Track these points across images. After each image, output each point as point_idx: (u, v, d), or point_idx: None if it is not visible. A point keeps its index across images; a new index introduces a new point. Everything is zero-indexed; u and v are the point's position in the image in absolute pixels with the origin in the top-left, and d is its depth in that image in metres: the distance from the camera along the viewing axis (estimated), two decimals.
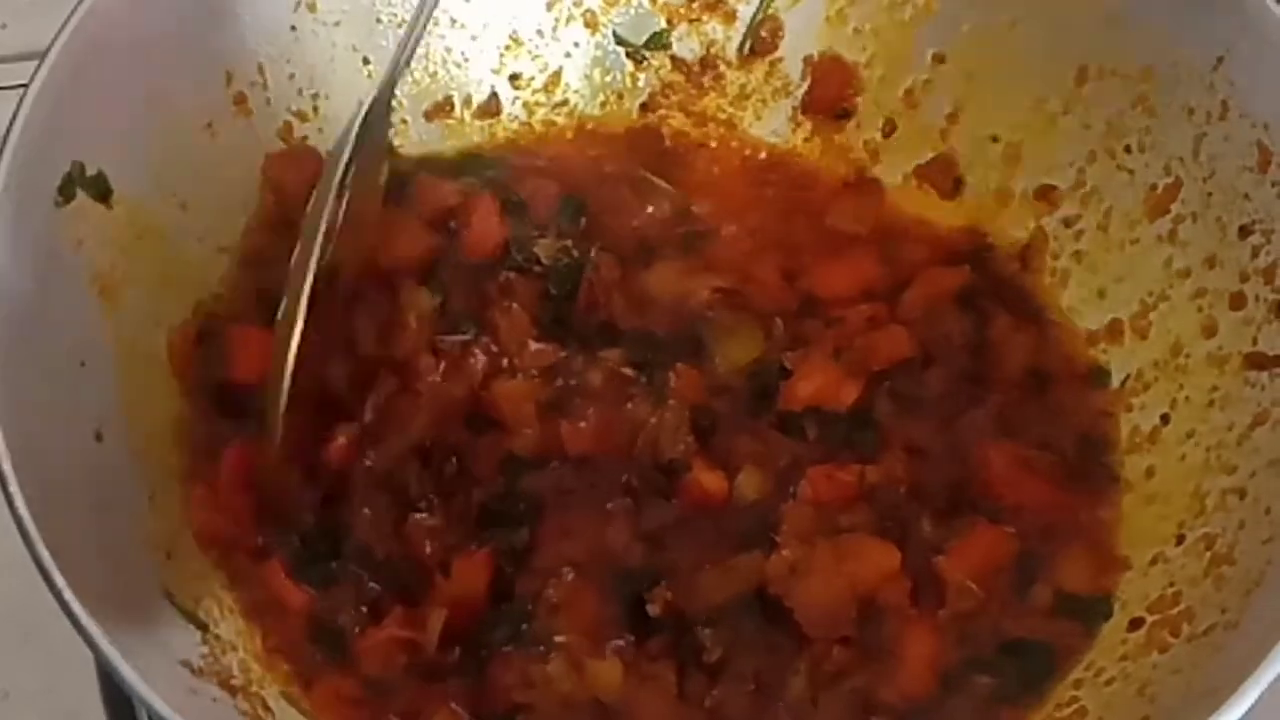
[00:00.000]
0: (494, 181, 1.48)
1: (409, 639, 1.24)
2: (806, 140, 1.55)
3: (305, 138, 1.46)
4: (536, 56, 1.55)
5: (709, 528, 1.32)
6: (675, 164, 1.54)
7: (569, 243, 1.44)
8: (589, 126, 1.55)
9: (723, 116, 1.56)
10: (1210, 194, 1.34)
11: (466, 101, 1.54)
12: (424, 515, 1.30)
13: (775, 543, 1.29)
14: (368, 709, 1.23)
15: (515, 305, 1.40)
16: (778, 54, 1.55)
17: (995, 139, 1.48)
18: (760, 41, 1.55)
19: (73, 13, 1.27)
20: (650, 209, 1.49)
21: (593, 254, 1.43)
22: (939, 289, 1.44)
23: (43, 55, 1.24)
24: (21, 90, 1.23)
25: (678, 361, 1.38)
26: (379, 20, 1.48)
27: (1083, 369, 1.41)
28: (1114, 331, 1.40)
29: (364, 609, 1.27)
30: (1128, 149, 1.40)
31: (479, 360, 1.37)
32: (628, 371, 1.38)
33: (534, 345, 1.38)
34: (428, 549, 1.28)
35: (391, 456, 1.32)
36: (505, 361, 1.37)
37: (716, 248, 1.48)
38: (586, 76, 1.56)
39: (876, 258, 1.48)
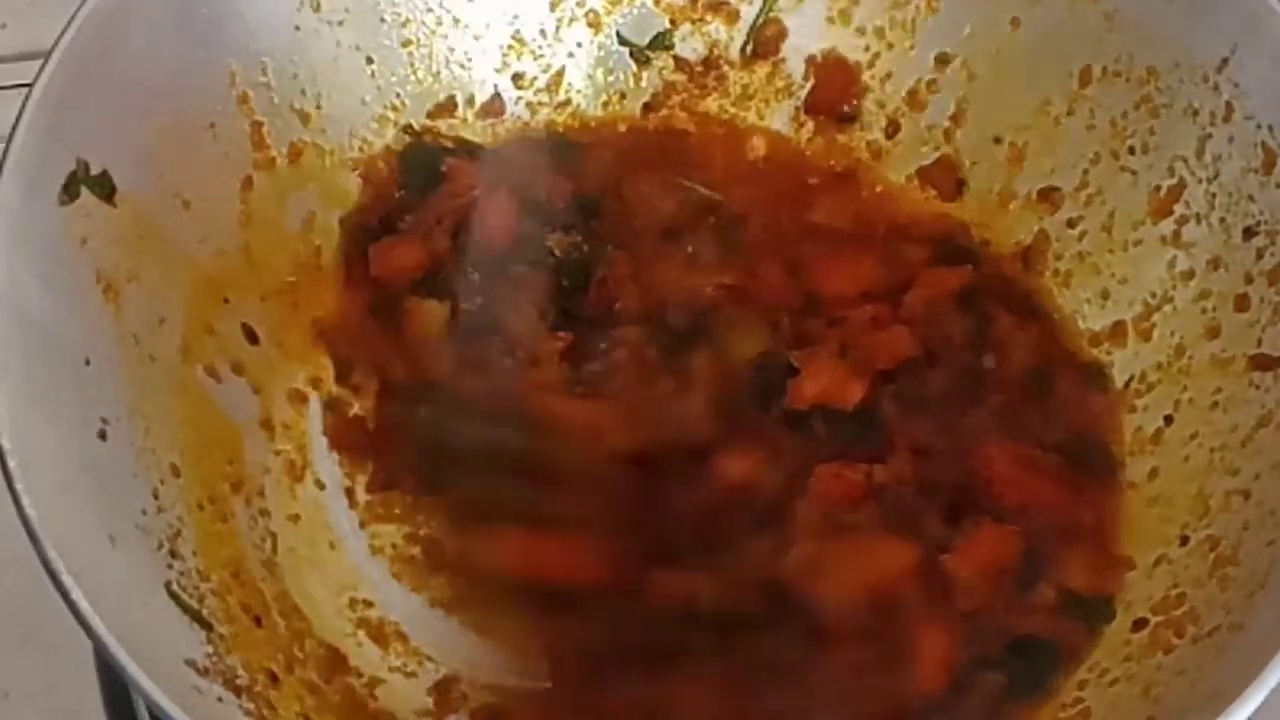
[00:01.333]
0: (512, 170, 1.49)
1: None
2: (809, 141, 1.55)
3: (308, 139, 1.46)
4: (539, 56, 1.55)
5: (722, 518, 1.33)
6: (679, 163, 1.54)
7: (580, 238, 1.45)
8: (593, 126, 1.56)
9: (725, 117, 1.57)
10: (1214, 195, 1.34)
11: (469, 101, 1.54)
12: None
13: (787, 538, 1.30)
14: None
15: (525, 303, 1.40)
16: (780, 55, 1.56)
17: (998, 140, 1.48)
18: (763, 42, 1.55)
19: (77, 11, 1.26)
20: (666, 205, 1.49)
21: (608, 250, 1.44)
22: (941, 290, 1.44)
23: (47, 54, 1.23)
24: (21, 90, 1.22)
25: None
26: (383, 19, 1.48)
27: (1085, 370, 1.41)
28: (1117, 333, 1.40)
29: None
30: (1131, 150, 1.40)
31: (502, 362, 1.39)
32: (650, 353, 1.38)
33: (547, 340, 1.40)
34: None
35: None
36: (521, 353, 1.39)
37: (727, 245, 1.49)
38: (589, 77, 1.56)
39: (878, 258, 1.48)
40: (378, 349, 1.42)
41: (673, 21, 1.56)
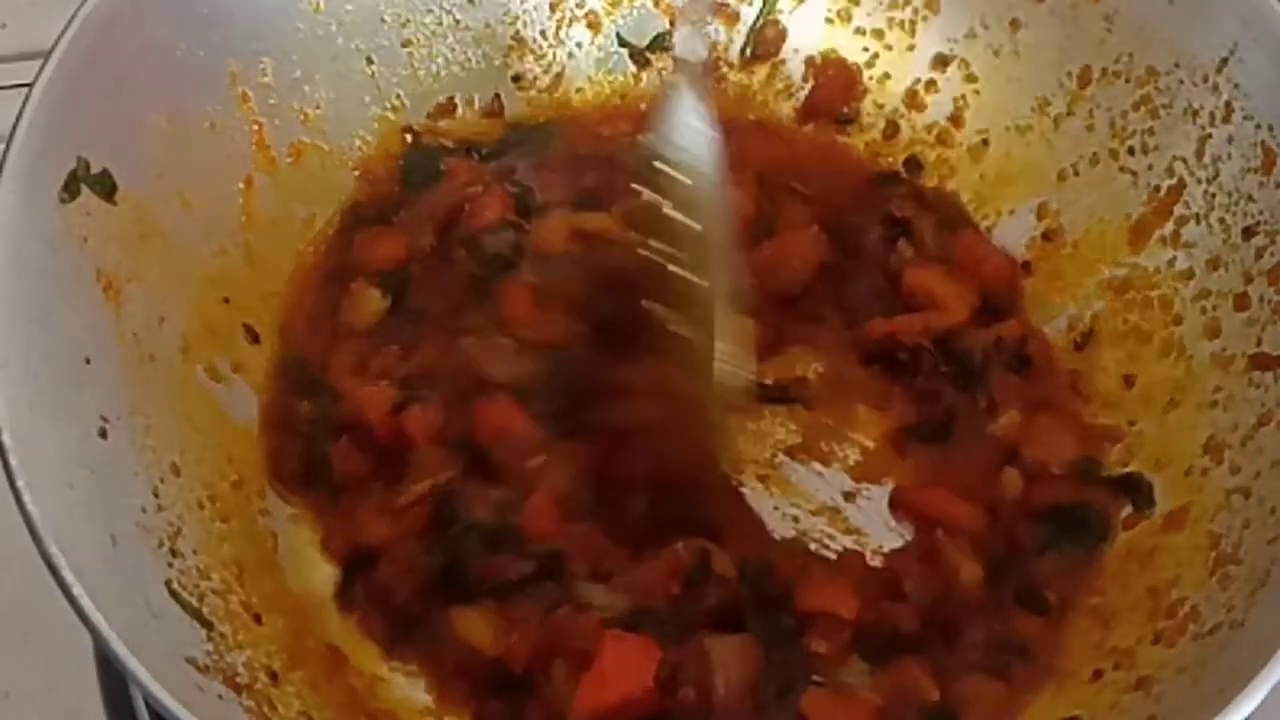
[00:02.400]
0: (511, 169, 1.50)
1: None
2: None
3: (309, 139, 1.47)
4: (540, 57, 1.55)
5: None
6: None
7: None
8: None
9: (725, 118, 1.55)
10: (1214, 196, 1.35)
11: (470, 102, 1.54)
12: None
13: None
14: None
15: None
16: (780, 56, 1.56)
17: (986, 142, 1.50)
18: (763, 44, 1.56)
19: (77, 10, 1.26)
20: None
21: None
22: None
23: (49, 52, 1.24)
24: (21, 89, 1.22)
25: None
26: (383, 20, 1.49)
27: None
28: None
29: None
30: (1131, 150, 1.41)
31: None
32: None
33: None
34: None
35: None
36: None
37: None
38: (590, 78, 1.57)
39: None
40: (312, 319, 1.43)
41: (673, 23, 1.55)
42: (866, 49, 1.54)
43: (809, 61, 1.55)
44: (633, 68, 1.57)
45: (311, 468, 1.35)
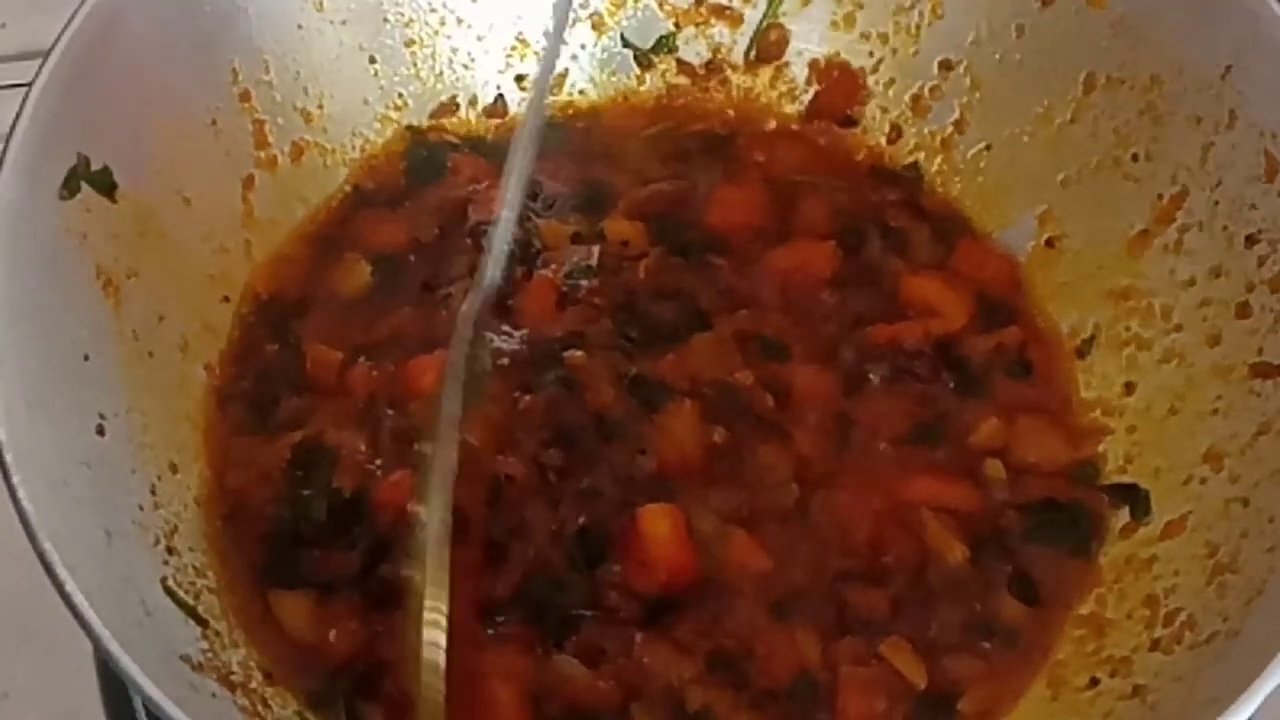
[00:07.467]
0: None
1: None
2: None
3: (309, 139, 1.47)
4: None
5: None
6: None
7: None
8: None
9: (729, 121, 1.57)
10: (1217, 203, 1.34)
11: (472, 102, 1.54)
12: None
13: None
14: None
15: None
16: (783, 59, 1.56)
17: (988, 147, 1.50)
18: (766, 46, 1.56)
19: (79, 7, 1.26)
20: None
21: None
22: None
23: (49, 49, 1.24)
24: (21, 89, 1.22)
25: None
26: (386, 19, 1.49)
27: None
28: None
29: None
30: (1134, 157, 1.40)
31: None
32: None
33: None
34: None
35: None
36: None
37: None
38: (593, 79, 1.57)
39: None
40: (301, 276, 1.44)
41: (676, 25, 1.56)
42: (871, 53, 1.53)
43: (813, 65, 1.55)
44: (636, 69, 1.57)
45: (257, 411, 1.35)
